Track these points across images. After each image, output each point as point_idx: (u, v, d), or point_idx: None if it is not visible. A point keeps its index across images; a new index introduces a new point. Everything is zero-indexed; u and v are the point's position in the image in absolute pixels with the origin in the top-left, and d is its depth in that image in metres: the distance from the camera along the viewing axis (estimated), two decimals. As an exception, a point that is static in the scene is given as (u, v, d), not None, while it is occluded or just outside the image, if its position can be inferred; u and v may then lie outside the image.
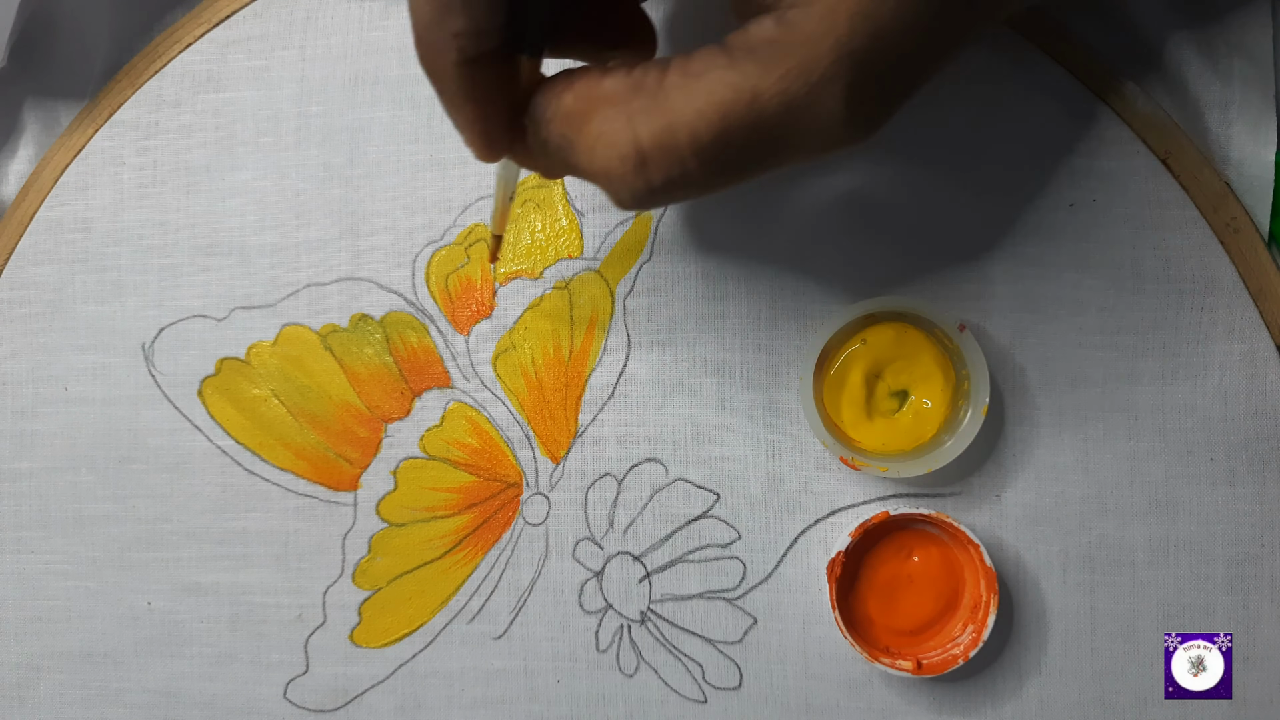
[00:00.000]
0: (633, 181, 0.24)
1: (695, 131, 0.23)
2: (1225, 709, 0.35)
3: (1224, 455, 0.35)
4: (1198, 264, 0.35)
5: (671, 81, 0.24)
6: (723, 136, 0.23)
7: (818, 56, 0.23)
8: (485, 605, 0.37)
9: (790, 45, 0.23)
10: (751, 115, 0.23)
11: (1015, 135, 0.35)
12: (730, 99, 0.23)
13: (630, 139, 0.24)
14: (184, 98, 0.38)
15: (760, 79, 0.23)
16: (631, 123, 0.24)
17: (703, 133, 0.23)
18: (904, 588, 0.35)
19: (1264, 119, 0.35)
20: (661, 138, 0.23)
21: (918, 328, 0.35)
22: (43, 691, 0.38)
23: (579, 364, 0.37)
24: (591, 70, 0.25)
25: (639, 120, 0.24)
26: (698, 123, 0.23)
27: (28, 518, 0.38)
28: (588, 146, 0.24)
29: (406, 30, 0.37)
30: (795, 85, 0.23)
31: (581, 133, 0.24)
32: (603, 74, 0.25)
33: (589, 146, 0.24)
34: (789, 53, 0.23)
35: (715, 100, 0.23)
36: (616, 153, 0.24)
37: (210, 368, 0.37)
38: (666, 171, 0.24)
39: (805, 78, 0.23)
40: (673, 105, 0.23)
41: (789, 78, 0.23)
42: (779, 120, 0.23)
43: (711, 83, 0.23)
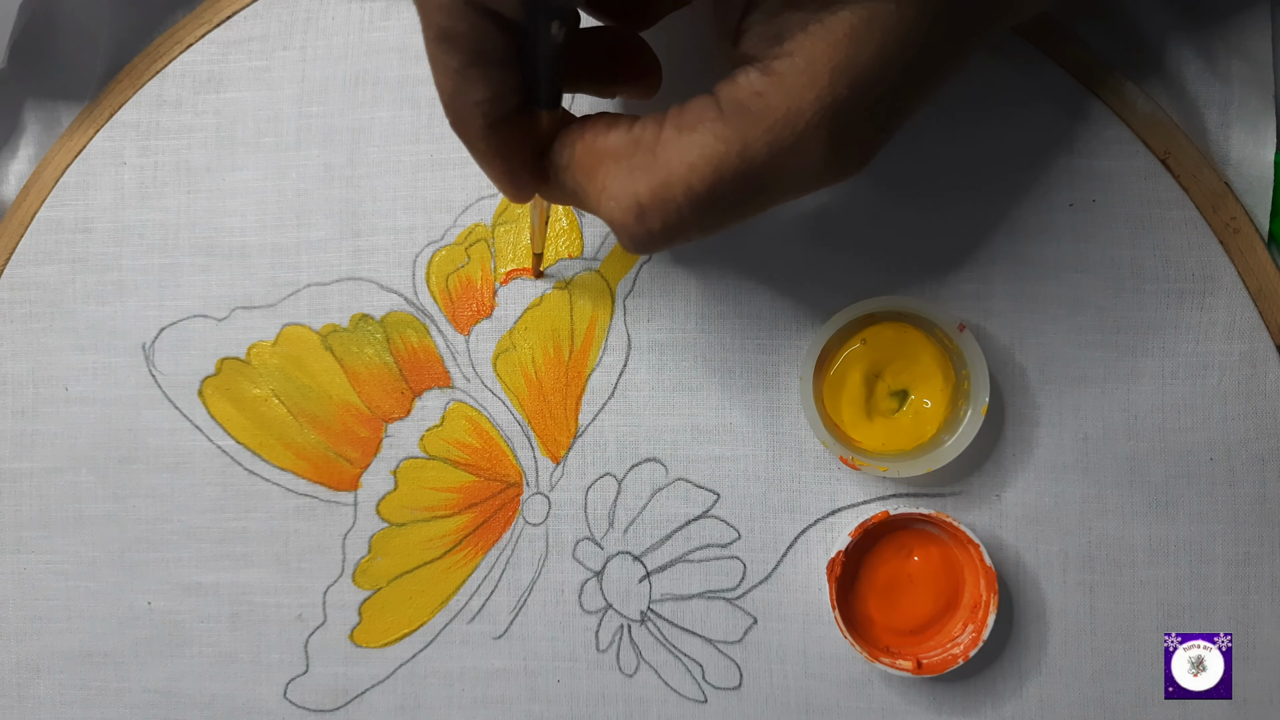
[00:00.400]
0: (634, 230, 0.26)
1: (689, 185, 0.25)
2: (1225, 709, 0.35)
3: (1224, 455, 0.35)
4: (1198, 264, 0.35)
5: (667, 136, 0.25)
6: (715, 188, 0.25)
7: (801, 108, 0.24)
8: (485, 605, 0.37)
9: (775, 98, 0.24)
10: (742, 166, 0.25)
11: (1015, 135, 0.35)
12: (721, 152, 0.25)
13: (631, 193, 0.25)
14: (185, 98, 0.38)
15: (748, 131, 0.25)
16: (631, 178, 0.25)
17: (696, 185, 0.25)
18: (904, 587, 0.35)
19: (1263, 119, 0.35)
20: (658, 192, 0.25)
21: (918, 328, 0.35)
22: (43, 691, 0.38)
23: (579, 364, 0.37)
24: (599, 123, 0.27)
25: (638, 176, 0.25)
26: (691, 176, 0.25)
27: (28, 518, 0.38)
28: (594, 197, 0.26)
29: (407, 31, 0.37)
30: (781, 136, 0.24)
31: (589, 184, 0.26)
32: (608, 127, 0.26)
33: (595, 197, 0.26)
34: (774, 105, 0.24)
35: (707, 155, 0.25)
36: (618, 205, 0.26)
37: (211, 368, 0.37)
38: (664, 221, 0.25)
39: (791, 128, 0.24)
40: (668, 160, 0.25)
41: (775, 129, 0.24)
42: (767, 168, 0.25)
43: (703, 136, 0.25)
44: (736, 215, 0.26)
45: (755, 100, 0.25)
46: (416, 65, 0.37)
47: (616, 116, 0.27)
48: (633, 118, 0.27)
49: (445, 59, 0.25)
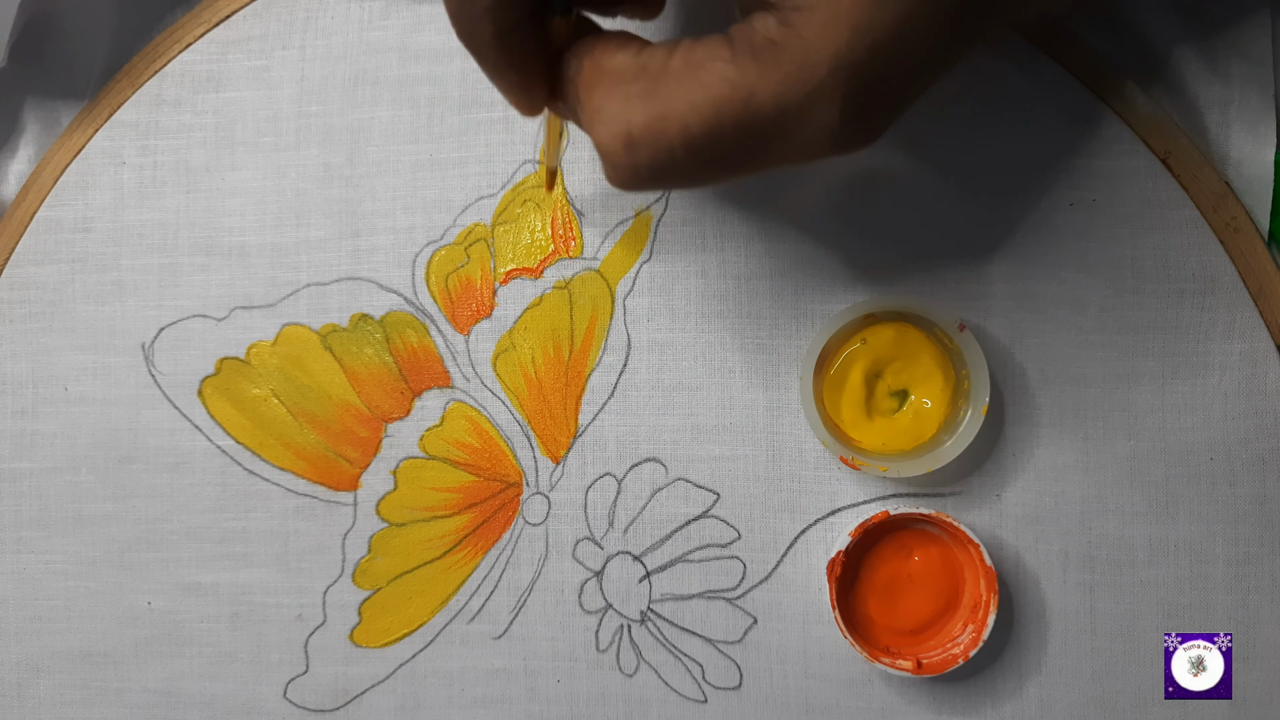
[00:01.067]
0: (620, 160, 0.25)
1: (686, 123, 0.24)
2: (1225, 709, 0.35)
3: (1224, 455, 0.35)
4: (1198, 264, 0.35)
5: (674, 68, 0.24)
6: (713, 132, 0.24)
7: (815, 64, 0.23)
8: (485, 605, 0.37)
9: (790, 49, 0.23)
10: (745, 115, 0.23)
11: (1015, 135, 0.35)
12: (726, 95, 0.23)
13: (624, 120, 0.24)
14: (184, 98, 0.38)
15: (758, 79, 0.23)
16: (627, 104, 0.24)
17: (694, 125, 0.24)
18: (904, 587, 0.35)
19: (1263, 119, 0.35)
20: (653, 124, 0.24)
21: (918, 328, 0.35)
22: (43, 691, 0.38)
23: (579, 364, 0.37)
24: (611, 40, 0.25)
25: (635, 104, 0.24)
26: (690, 115, 0.24)
27: (28, 518, 0.38)
28: (589, 116, 0.25)
29: (407, 30, 0.37)
30: (791, 90, 0.23)
31: (587, 102, 0.25)
32: (618, 47, 0.25)
33: (590, 117, 0.25)
34: (788, 57, 0.23)
35: (711, 95, 0.23)
36: (608, 130, 0.24)
37: (210, 367, 0.37)
38: (653, 157, 0.24)
39: (802, 85, 0.23)
40: (669, 94, 0.24)
41: (786, 82, 0.23)
42: (772, 123, 0.24)
43: (710, 76, 0.24)
44: (728, 168, 0.25)
45: (769, 49, 0.23)
46: (416, 65, 0.37)
47: (627, 38, 0.26)
48: (644, 42, 0.25)
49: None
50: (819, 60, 0.23)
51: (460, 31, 0.25)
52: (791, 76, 0.23)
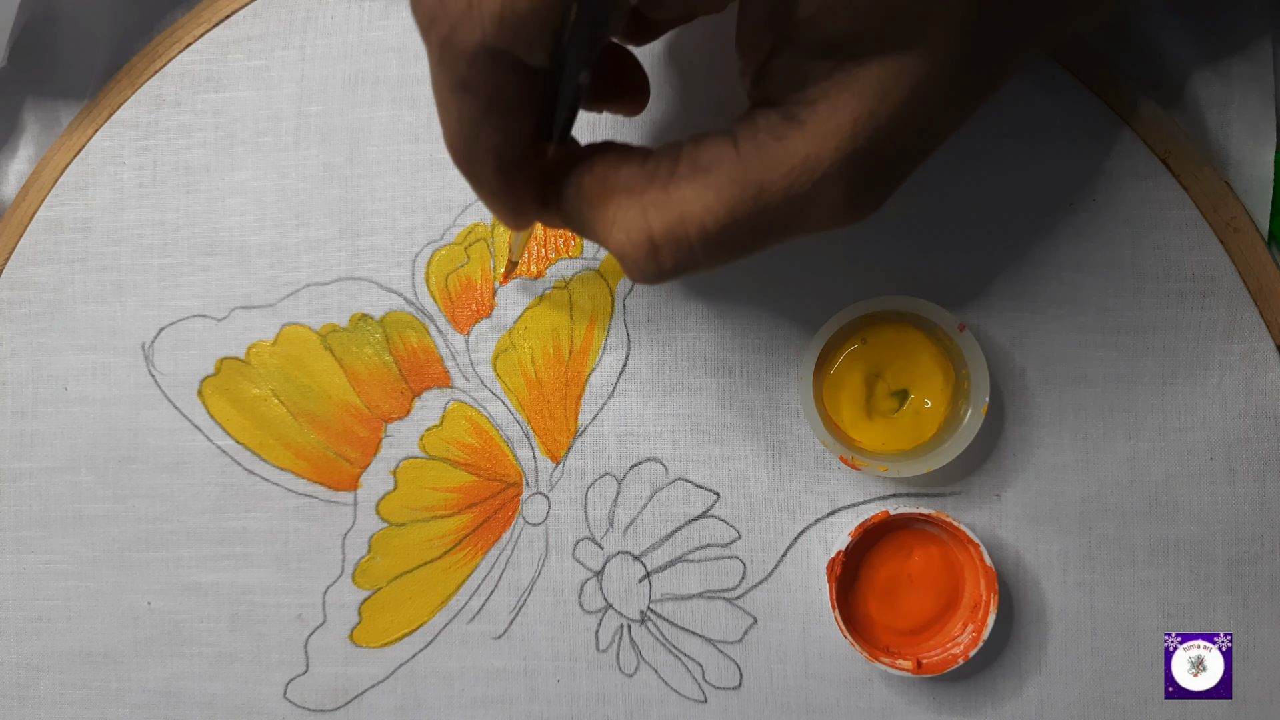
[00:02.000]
0: (645, 265, 0.26)
1: (703, 224, 0.25)
2: (1225, 709, 0.35)
3: (1224, 455, 0.35)
4: (1198, 264, 0.35)
5: (682, 174, 0.25)
6: (729, 228, 0.25)
7: (821, 156, 0.24)
8: (485, 605, 0.37)
9: (795, 144, 0.24)
10: (756, 209, 0.25)
11: (1015, 135, 0.35)
12: (737, 196, 0.25)
13: (644, 229, 0.25)
14: (184, 97, 0.38)
15: (765, 175, 0.24)
16: (645, 214, 0.25)
17: (710, 225, 0.25)
18: (904, 587, 0.35)
19: (1264, 119, 0.35)
20: (673, 229, 0.25)
21: (918, 328, 0.35)
22: (43, 691, 0.38)
23: (579, 364, 0.37)
24: (609, 155, 0.26)
25: (651, 213, 0.25)
26: (705, 217, 0.25)
27: (28, 518, 0.38)
28: (605, 229, 0.26)
29: (406, 30, 0.37)
30: (799, 182, 0.24)
31: (599, 215, 0.26)
32: (619, 161, 0.26)
33: (605, 229, 0.26)
34: (794, 151, 0.24)
35: (722, 195, 0.25)
36: (630, 239, 0.25)
37: (210, 367, 0.37)
38: (676, 259, 0.25)
39: (809, 176, 0.24)
40: (683, 198, 0.25)
41: (793, 175, 0.24)
42: (782, 212, 0.25)
43: (719, 178, 0.25)
44: (746, 252, 0.26)
45: (774, 144, 0.25)
46: (416, 65, 0.37)
47: (627, 149, 0.27)
48: (644, 151, 0.27)
49: (461, 108, 0.24)
50: (823, 153, 0.24)
51: (459, 163, 0.26)
52: (798, 170, 0.24)
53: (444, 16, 0.23)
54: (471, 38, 0.23)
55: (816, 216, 0.25)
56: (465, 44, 0.23)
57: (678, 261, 0.25)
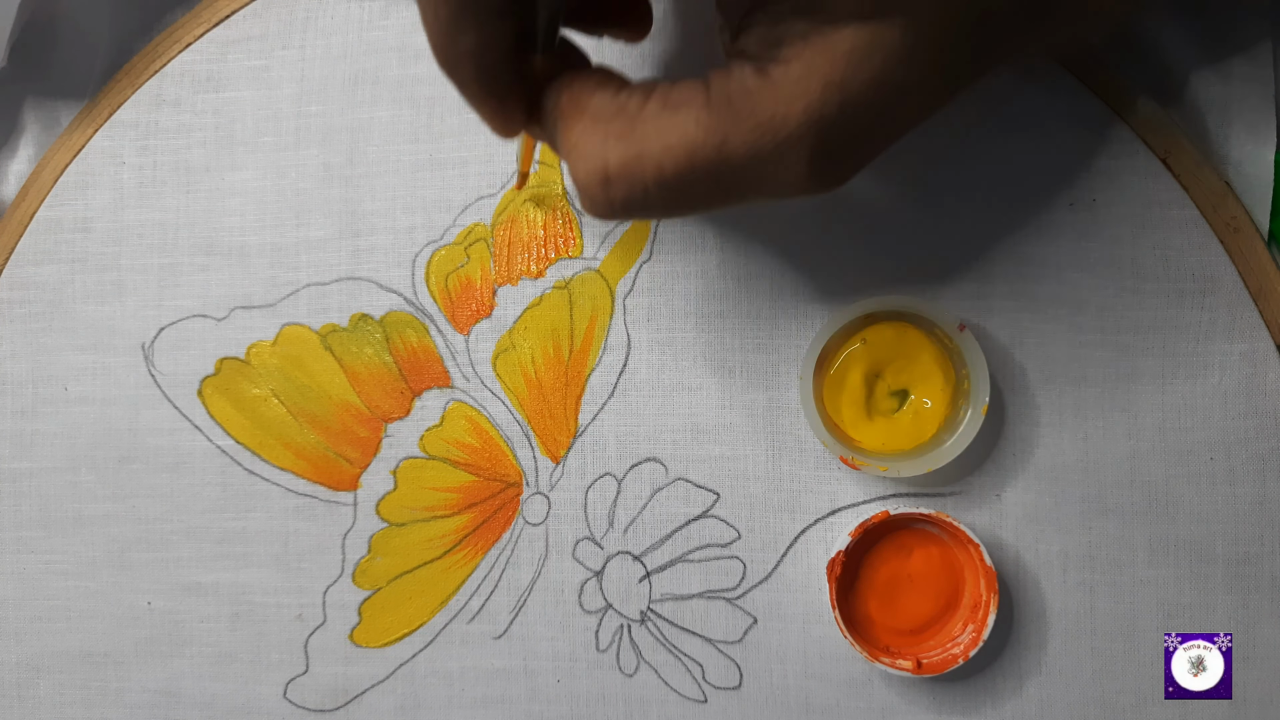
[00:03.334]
0: (595, 194, 0.26)
1: (660, 164, 0.25)
2: (1225, 709, 0.35)
3: (1224, 455, 0.35)
4: (1198, 263, 0.35)
5: (650, 110, 0.25)
6: (686, 173, 0.25)
7: (787, 117, 0.24)
8: (485, 605, 0.37)
9: (763, 100, 0.24)
10: (717, 159, 0.24)
11: (1015, 135, 0.35)
12: (699, 140, 0.24)
13: (601, 158, 0.25)
14: (184, 97, 0.38)
15: (730, 127, 0.24)
16: (605, 143, 0.25)
17: (667, 167, 0.25)
18: (904, 587, 0.35)
19: (1264, 119, 0.35)
20: (629, 164, 0.25)
21: (918, 328, 0.35)
22: (43, 691, 0.38)
23: (579, 364, 0.37)
24: (591, 79, 0.26)
25: (611, 143, 0.25)
26: (664, 157, 0.25)
27: (28, 518, 0.38)
28: (567, 150, 0.26)
29: (406, 30, 0.37)
30: (762, 140, 0.24)
31: (566, 136, 0.26)
32: (597, 85, 0.26)
33: (568, 151, 0.26)
34: (762, 108, 0.24)
35: (685, 138, 0.24)
36: (585, 166, 0.25)
37: (210, 367, 0.37)
38: (628, 194, 0.25)
39: (773, 135, 0.24)
40: (645, 135, 0.25)
41: (757, 131, 0.24)
42: (742, 168, 0.25)
43: (685, 120, 0.25)
44: (700, 205, 0.26)
45: (744, 98, 0.24)
46: (416, 65, 0.37)
47: (608, 76, 0.27)
48: (623, 81, 0.26)
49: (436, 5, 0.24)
50: (790, 114, 0.24)
51: (441, 65, 0.26)
52: (763, 127, 0.24)
53: None
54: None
55: (777, 180, 0.25)
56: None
57: (629, 196, 0.25)
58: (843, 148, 0.25)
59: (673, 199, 0.25)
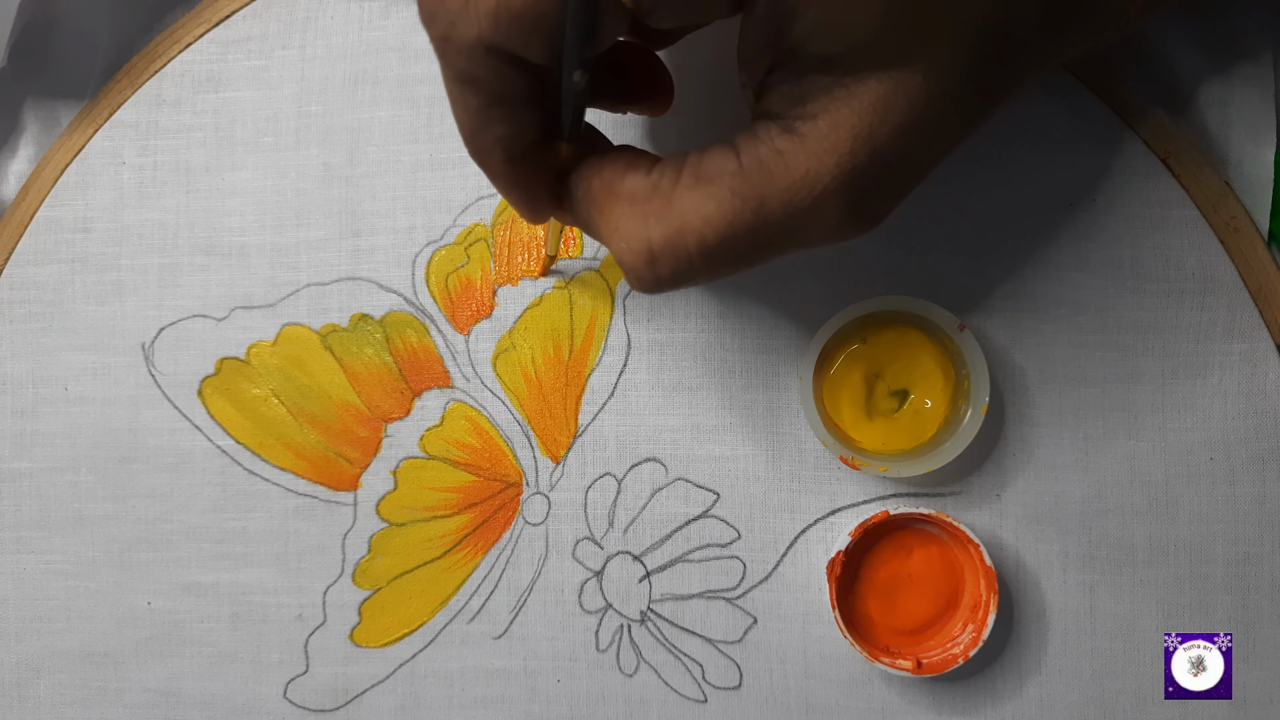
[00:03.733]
0: (643, 274, 0.26)
1: (703, 237, 0.25)
2: (1225, 709, 0.35)
3: (1224, 455, 0.35)
4: (1197, 263, 0.35)
5: (684, 185, 0.25)
6: (728, 241, 0.25)
7: (821, 172, 0.24)
8: (485, 605, 0.37)
9: (795, 159, 0.25)
10: (756, 223, 0.25)
11: (1015, 135, 0.35)
12: (737, 208, 0.25)
13: (644, 238, 0.25)
14: (184, 98, 0.38)
15: (765, 189, 0.25)
16: (645, 224, 0.25)
17: (709, 238, 0.25)
18: (904, 587, 0.35)
19: (1263, 119, 0.35)
20: (672, 240, 0.25)
21: (918, 328, 0.35)
22: (43, 691, 0.38)
23: (579, 364, 0.37)
24: (619, 161, 0.27)
25: (652, 222, 0.25)
26: (705, 229, 0.25)
27: (28, 518, 0.38)
28: (607, 234, 0.26)
29: (406, 30, 0.37)
30: (799, 197, 0.25)
31: (603, 220, 0.26)
32: (626, 168, 0.26)
33: (608, 235, 0.26)
34: (794, 166, 0.25)
35: (724, 210, 0.25)
36: (630, 247, 0.26)
37: (210, 367, 0.37)
38: (674, 269, 0.26)
39: (809, 190, 0.25)
40: (684, 210, 0.25)
41: (793, 190, 0.25)
42: (781, 226, 0.25)
43: (720, 190, 0.25)
44: (745, 266, 0.26)
45: (775, 159, 0.25)
46: (416, 64, 0.37)
47: (636, 156, 0.27)
48: (652, 159, 0.27)
49: (465, 98, 0.25)
50: (823, 169, 0.24)
51: (473, 153, 0.27)
52: (798, 185, 0.25)
53: (442, 13, 0.24)
54: (469, 34, 0.23)
55: (816, 232, 0.26)
56: (463, 40, 0.24)
57: (675, 272, 0.26)
58: (876, 193, 0.26)
59: (717, 265, 0.26)
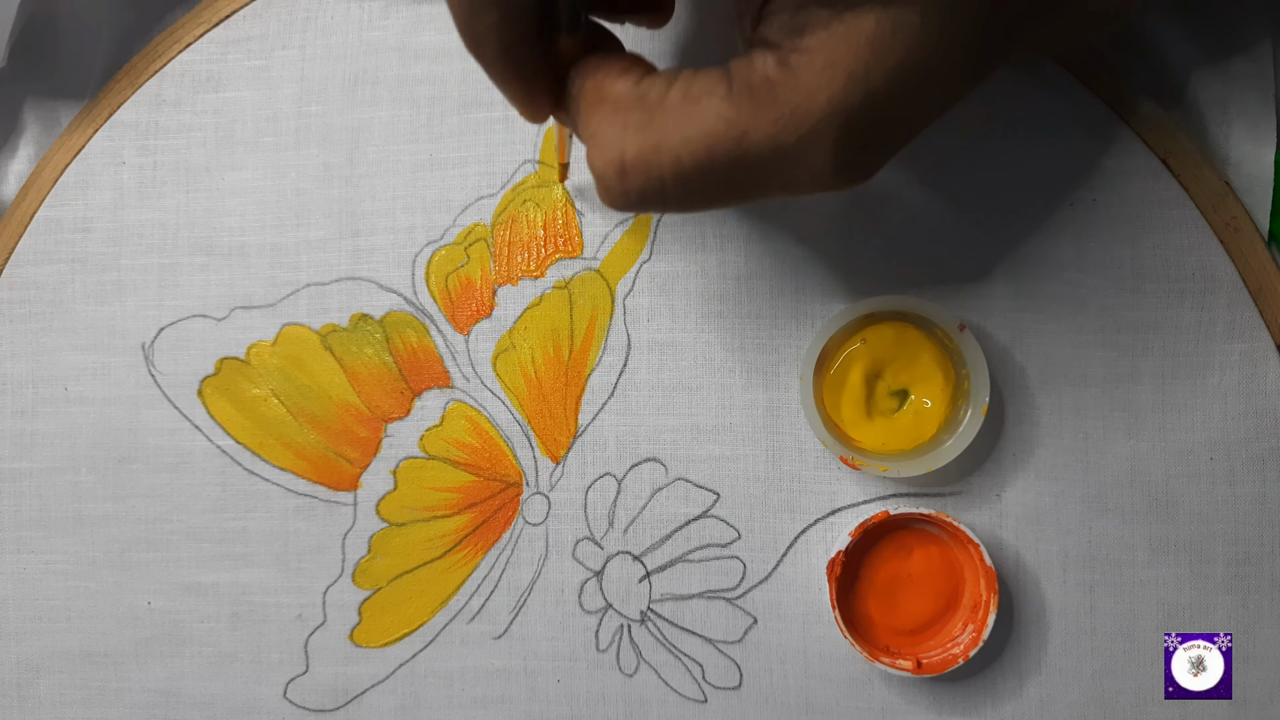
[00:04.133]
0: (611, 184, 0.25)
1: (678, 158, 0.24)
2: (1225, 709, 0.35)
3: (1224, 455, 0.35)
4: (1197, 263, 0.35)
5: (670, 100, 0.25)
6: (704, 166, 0.24)
7: (810, 109, 0.24)
8: (485, 605, 0.37)
9: (786, 92, 0.24)
10: (737, 152, 0.24)
11: (1015, 135, 0.35)
12: (719, 132, 0.24)
13: (618, 147, 0.25)
14: (184, 97, 0.38)
15: (752, 119, 0.24)
16: (623, 133, 0.25)
17: (685, 158, 0.24)
18: (904, 587, 0.35)
19: (1263, 119, 0.35)
20: (646, 154, 0.24)
21: (918, 327, 0.34)
22: (43, 691, 0.38)
23: (579, 364, 0.37)
24: (614, 65, 0.26)
25: (630, 133, 0.25)
26: (682, 149, 0.24)
27: (28, 518, 0.38)
28: (587, 138, 0.26)
29: (406, 30, 0.37)
30: (784, 132, 0.24)
31: (586, 122, 0.26)
32: (620, 73, 0.26)
33: (588, 138, 0.26)
34: (784, 99, 0.24)
35: (704, 130, 0.24)
36: (603, 155, 0.25)
37: (210, 367, 0.37)
38: (644, 186, 0.25)
39: (795, 128, 0.24)
40: (664, 125, 0.24)
41: (779, 124, 0.24)
42: (763, 161, 0.24)
43: (705, 111, 0.24)
44: (719, 200, 0.25)
45: (766, 88, 0.24)
46: (416, 64, 0.37)
47: (633, 63, 0.26)
48: (647, 68, 0.26)
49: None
50: (814, 105, 0.24)
51: (467, 43, 0.26)
52: (785, 119, 0.24)
53: None
54: None
55: (799, 175, 0.25)
56: None
57: (645, 189, 0.25)
58: (867, 140, 0.25)
59: (690, 192, 0.25)
